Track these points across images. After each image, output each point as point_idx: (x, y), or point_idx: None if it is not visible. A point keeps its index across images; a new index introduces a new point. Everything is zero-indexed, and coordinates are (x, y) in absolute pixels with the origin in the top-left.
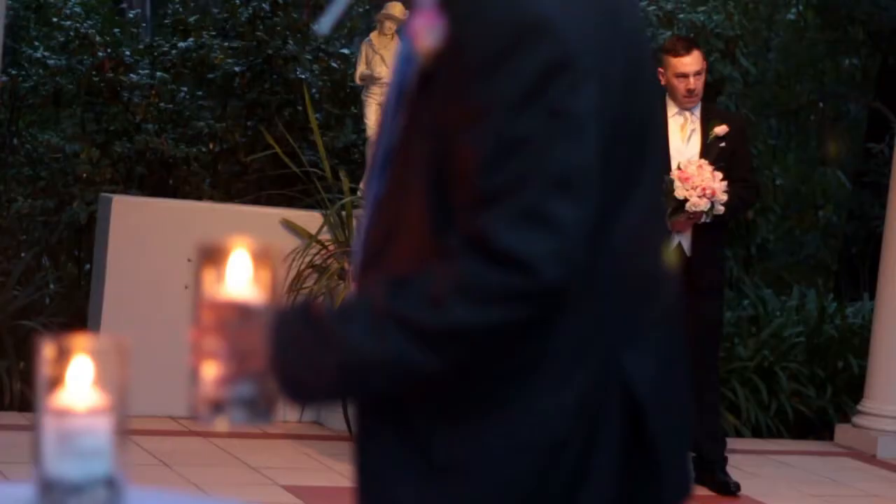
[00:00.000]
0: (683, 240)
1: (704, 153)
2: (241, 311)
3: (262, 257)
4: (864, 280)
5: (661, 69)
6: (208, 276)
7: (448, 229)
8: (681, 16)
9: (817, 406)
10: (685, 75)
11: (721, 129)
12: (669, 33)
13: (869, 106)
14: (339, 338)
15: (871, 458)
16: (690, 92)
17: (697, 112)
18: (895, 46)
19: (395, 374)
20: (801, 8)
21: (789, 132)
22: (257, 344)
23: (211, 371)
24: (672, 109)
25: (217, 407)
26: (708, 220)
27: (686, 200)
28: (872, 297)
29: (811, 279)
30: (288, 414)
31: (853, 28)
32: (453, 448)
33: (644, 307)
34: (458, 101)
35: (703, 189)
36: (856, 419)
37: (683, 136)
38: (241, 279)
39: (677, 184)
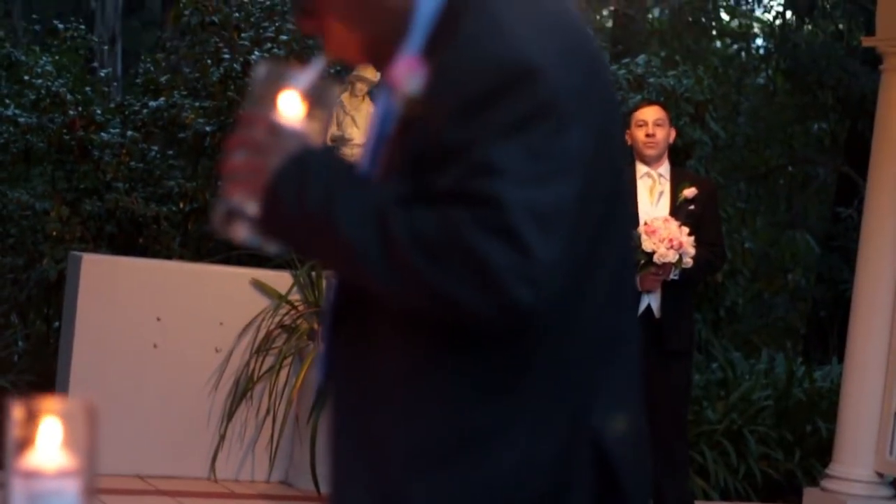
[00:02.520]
0: (652, 301)
1: (673, 215)
2: (273, 129)
3: (317, 97)
4: (832, 344)
5: (627, 130)
6: (266, 93)
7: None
8: (651, 79)
9: (786, 469)
10: (644, 123)
11: (690, 192)
12: (640, 97)
13: (838, 170)
14: (336, 197)
15: None
16: (649, 137)
17: (666, 174)
18: (864, 111)
19: (353, 260)
20: (770, 73)
21: (758, 196)
22: (270, 162)
23: (229, 179)
24: (640, 170)
25: (230, 216)
26: (675, 277)
27: (654, 253)
28: (841, 360)
29: (780, 342)
30: (256, 473)
31: (822, 93)
32: (430, 502)
33: (611, 364)
34: (440, 142)
35: (671, 241)
36: (824, 483)
37: (652, 199)
38: (290, 106)
39: (644, 238)
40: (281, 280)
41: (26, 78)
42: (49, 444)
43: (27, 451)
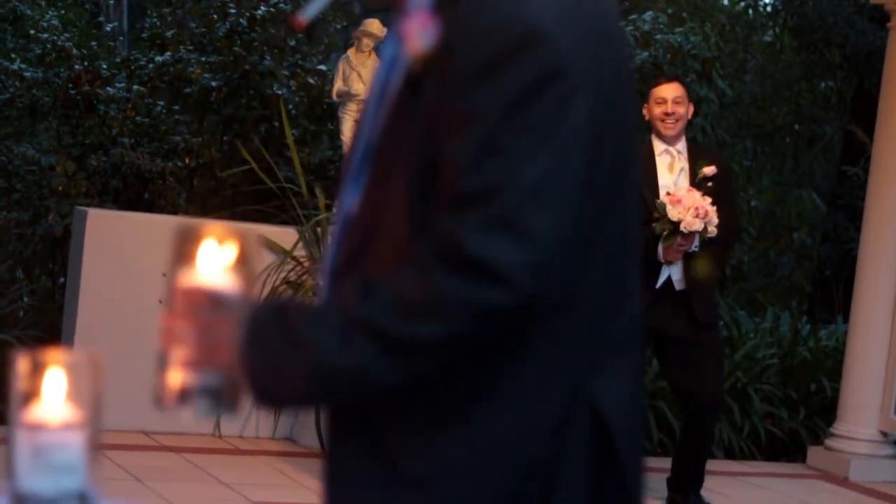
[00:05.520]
0: (673, 272)
1: None
2: (214, 300)
3: (239, 247)
4: (837, 302)
5: (646, 105)
6: (185, 259)
7: (425, 236)
8: (658, 36)
9: (790, 428)
10: (663, 101)
11: (710, 170)
12: (646, 54)
13: (844, 129)
14: (310, 345)
15: (843, 481)
16: (668, 115)
17: (684, 150)
18: (871, 69)
19: (362, 384)
20: (777, 30)
21: (764, 154)
22: (227, 336)
23: (179, 358)
24: (658, 147)
25: (183, 395)
26: (696, 249)
27: (680, 222)
28: (846, 319)
29: (785, 301)
30: (261, 430)
31: (829, 51)
32: (423, 463)
33: (611, 330)
34: (446, 106)
35: (697, 209)
36: (828, 441)
37: (672, 175)
38: (216, 266)
39: (669, 207)
40: (286, 236)
41: (32, 32)
42: (54, 397)
43: (32, 404)
